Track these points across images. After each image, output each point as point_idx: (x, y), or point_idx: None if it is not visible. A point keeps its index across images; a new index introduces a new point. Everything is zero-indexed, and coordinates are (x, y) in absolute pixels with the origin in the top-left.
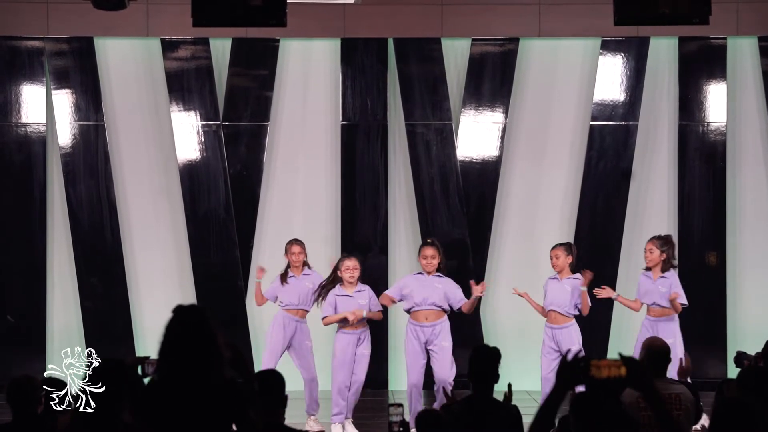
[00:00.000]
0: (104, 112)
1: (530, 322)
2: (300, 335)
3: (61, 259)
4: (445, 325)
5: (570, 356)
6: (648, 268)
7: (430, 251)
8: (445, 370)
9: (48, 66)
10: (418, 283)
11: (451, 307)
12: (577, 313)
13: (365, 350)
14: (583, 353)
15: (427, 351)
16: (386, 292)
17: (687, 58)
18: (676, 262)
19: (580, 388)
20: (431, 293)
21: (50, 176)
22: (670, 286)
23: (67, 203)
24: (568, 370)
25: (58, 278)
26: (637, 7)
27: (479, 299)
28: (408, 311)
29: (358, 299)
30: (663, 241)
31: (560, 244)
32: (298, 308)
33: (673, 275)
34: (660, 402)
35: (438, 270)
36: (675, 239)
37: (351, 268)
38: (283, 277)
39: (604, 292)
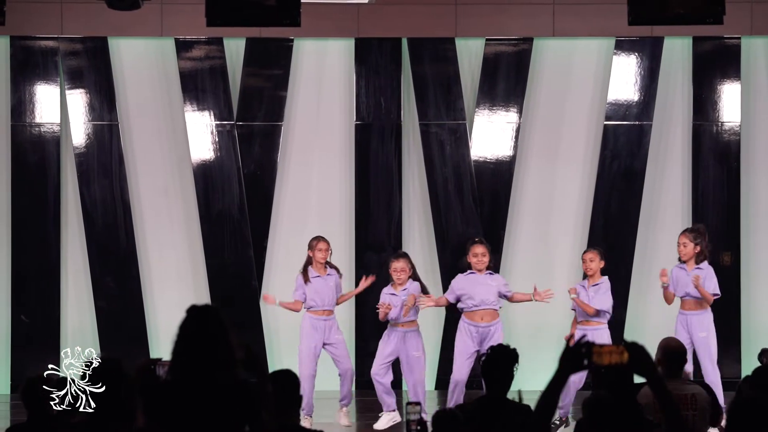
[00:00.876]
0: (118, 112)
1: (544, 321)
2: (330, 332)
3: (75, 259)
4: (499, 326)
5: (572, 342)
6: (683, 261)
7: (480, 249)
8: None
9: (62, 66)
10: (471, 283)
11: (505, 296)
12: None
13: (414, 351)
14: (587, 339)
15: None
16: (444, 295)
17: (701, 57)
18: (708, 253)
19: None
20: (487, 293)
21: (64, 176)
22: (705, 278)
23: (81, 203)
24: (571, 356)
25: (72, 278)
26: (651, 7)
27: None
28: (462, 311)
29: (402, 297)
30: (696, 233)
31: (595, 248)
32: (323, 309)
33: (708, 267)
34: (665, 391)
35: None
36: None
37: (398, 270)
38: (306, 275)
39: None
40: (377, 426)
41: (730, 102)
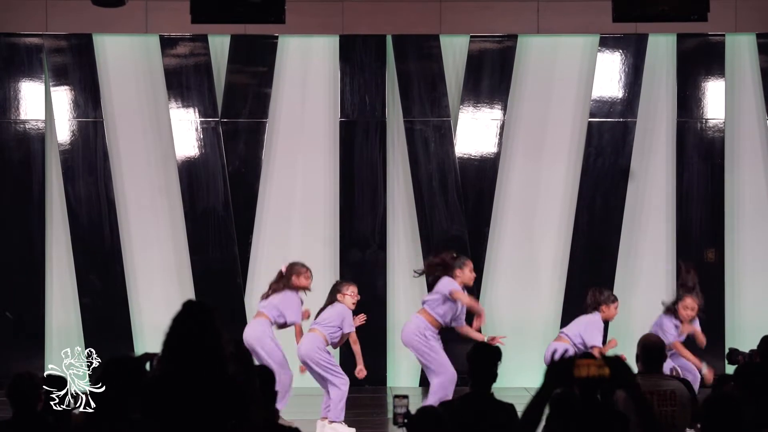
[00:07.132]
0: (103, 109)
1: (528, 318)
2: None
3: (60, 257)
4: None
5: (557, 356)
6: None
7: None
8: None
9: (47, 63)
10: None
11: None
12: None
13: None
14: (570, 353)
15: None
16: None
17: (685, 54)
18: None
19: None
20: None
21: (49, 173)
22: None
23: (66, 200)
24: (556, 369)
25: (57, 275)
26: (636, 4)
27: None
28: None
29: None
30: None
31: None
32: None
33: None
34: (644, 401)
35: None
36: (673, 235)
37: (356, 293)
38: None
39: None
40: None
41: (714, 99)
